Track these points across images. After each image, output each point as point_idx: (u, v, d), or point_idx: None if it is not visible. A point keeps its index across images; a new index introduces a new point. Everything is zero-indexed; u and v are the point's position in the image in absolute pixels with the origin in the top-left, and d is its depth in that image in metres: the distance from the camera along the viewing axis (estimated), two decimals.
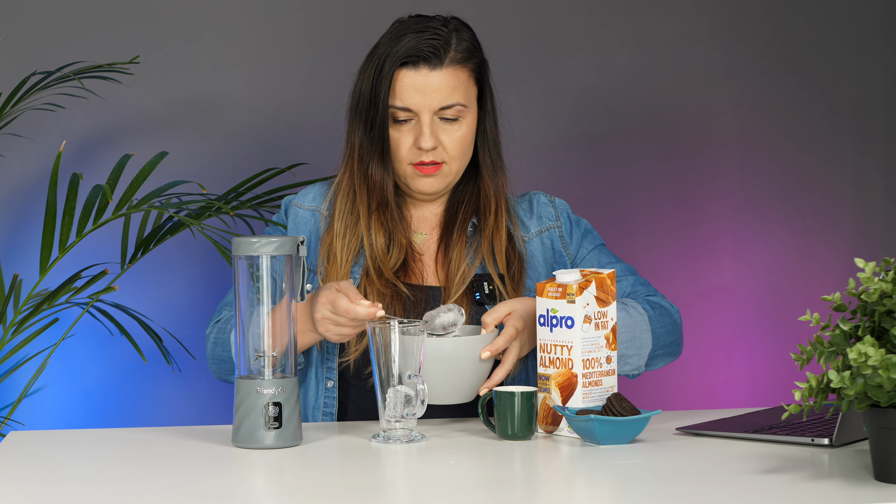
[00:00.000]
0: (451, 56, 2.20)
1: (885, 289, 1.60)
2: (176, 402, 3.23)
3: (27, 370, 3.08)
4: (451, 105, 2.20)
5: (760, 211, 3.57)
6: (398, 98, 2.20)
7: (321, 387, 2.23)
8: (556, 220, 2.34)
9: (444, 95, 2.20)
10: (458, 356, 2.04)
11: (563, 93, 3.46)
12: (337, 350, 2.22)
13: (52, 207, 2.85)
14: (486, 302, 2.24)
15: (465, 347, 2.05)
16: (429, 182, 2.24)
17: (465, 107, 2.22)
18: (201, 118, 3.25)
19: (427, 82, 2.19)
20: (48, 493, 1.68)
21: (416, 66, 2.19)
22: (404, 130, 2.22)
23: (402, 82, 2.20)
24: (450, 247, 2.27)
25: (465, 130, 2.23)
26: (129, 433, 2.09)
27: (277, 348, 1.94)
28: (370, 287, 2.22)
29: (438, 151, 2.22)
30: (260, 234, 3.06)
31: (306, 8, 3.30)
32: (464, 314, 2.08)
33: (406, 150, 2.22)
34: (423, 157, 2.21)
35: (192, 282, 3.25)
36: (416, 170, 2.23)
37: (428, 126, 2.20)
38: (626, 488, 1.70)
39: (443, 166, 2.23)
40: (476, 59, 2.24)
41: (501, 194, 2.30)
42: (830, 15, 3.59)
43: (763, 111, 3.56)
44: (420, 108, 2.20)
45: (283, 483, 1.75)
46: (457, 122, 2.22)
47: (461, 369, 2.05)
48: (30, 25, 3.17)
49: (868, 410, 1.63)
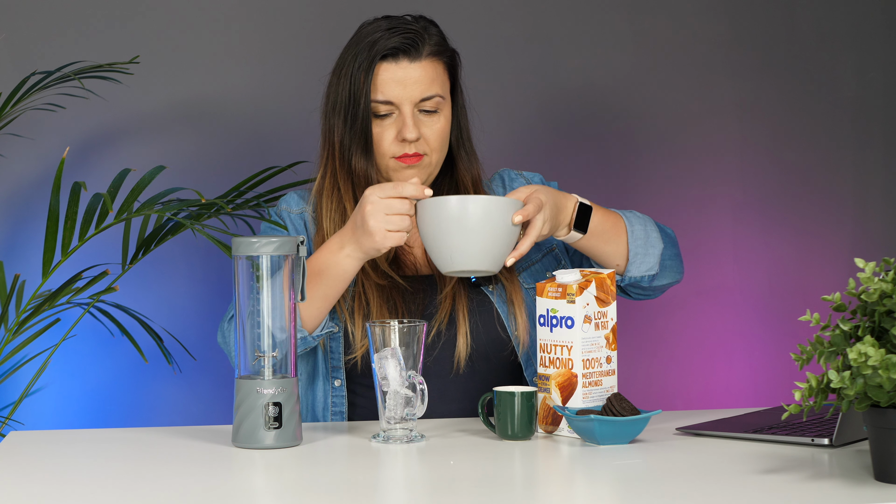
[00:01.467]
0: (427, 49, 2.24)
1: (885, 289, 1.60)
2: (176, 403, 3.23)
3: (28, 370, 3.08)
4: (430, 96, 2.24)
5: (760, 211, 3.57)
6: (379, 91, 2.23)
7: (328, 386, 2.24)
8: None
9: (424, 87, 2.23)
10: (491, 216, 2.00)
11: (564, 93, 3.46)
12: (342, 349, 2.23)
13: (54, 213, 2.85)
14: (481, 283, 2.26)
15: (497, 209, 2.01)
16: (411, 173, 2.25)
17: (443, 98, 2.26)
18: (201, 118, 3.25)
19: (407, 74, 2.23)
20: (48, 493, 1.68)
21: (397, 59, 2.23)
22: (385, 125, 2.25)
23: (382, 76, 2.23)
24: None
25: (444, 122, 2.27)
26: (130, 433, 2.09)
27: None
28: (367, 281, 2.23)
29: (420, 144, 2.25)
30: (260, 233, 3.06)
31: (306, 7, 3.30)
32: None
33: (388, 144, 2.25)
34: (407, 149, 2.24)
35: (193, 282, 3.25)
36: (398, 162, 2.25)
37: (410, 118, 2.23)
38: (626, 488, 1.70)
39: (423, 158, 2.26)
40: (448, 53, 2.29)
41: (479, 182, 2.34)
42: (830, 15, 3.58)
43: (763, 111, 3.56)
44: (401, 101, 2.23)
45: (283, 483, 1.75)
46: (436, 114, 2.26)
47: (492, 232, 2.00)
48: (30, 25, 3.17)
49: (868, 410, 1.63)
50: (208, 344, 3.18)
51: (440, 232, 2.01)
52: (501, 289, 2.27)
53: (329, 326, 2.21)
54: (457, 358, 2.21)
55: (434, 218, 2.02)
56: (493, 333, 2.25)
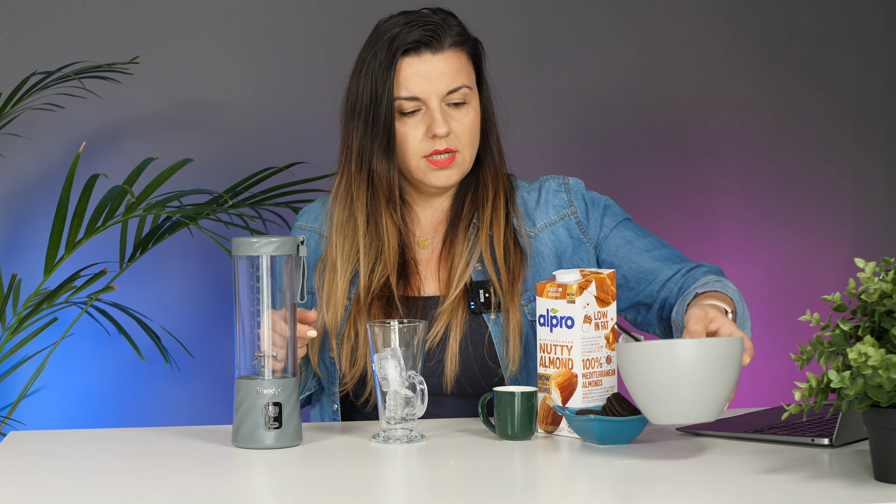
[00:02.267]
0: (449, 39, 2.15)
1: (885, 289, 1.60)
2: (175, 402, 3.23)
3: (27, 370, 3.08)
4: (457, 88, 2.15)
5: (760, 210, 3.57)
6: (404, 87, 2.14)
7: (328, 410, 2.23)
8: (570, 206, 2.25)
9: (450, 78, 2.15)
10: (721, 360, 1.75)
11: (565, 93, 3.46)
12: (338, 379, 2.20)
13: (63, 207, 2.84)
14: (481, 310, 2.17)
15: (726, 350, 1.76)
16: (445, 174, 2.17)
17: (471, 89, 2.17)
18: (201, 118, 3.25)
19: (431, 67, 2.14)
20: (48, 493, 1.68)
21: (419, 53, 2.14)
22: (412, 123, 2.15)
23: (405, 71, 2.14)
24: (453, 244, 2.21)
25: (473, 115, 2.18)
26: (129, 433, 2.09)
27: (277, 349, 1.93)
28: (358, 315, 2.16)
29: (451, 140, 2.15)
30: (261, 233, 3.06)
31: (306, 7, 3.30)
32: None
33: (417, 143, 2.15)
34: (437, 144, 2.14)
35: (191, 281, 3.25)
36: (429, 163, 2.16)
37: (439, 112, 2.14)
38: (626, 488, 1.70)
39: (456, 156, 2.17)
40: (471, 42, 2.20)
41: (500, 182, 2.23)
42: (830, 15, 3.59)
43: (763, 111, 3.56)
44: (427, 95, 2.14)
45: (283, 483, 1.75)
46: (464, 106, 2.16)
47: (719, 377, 1.75)
48: (30, 25, 3.17)
49: (868, 410, 1.63)
50: (207, 343, 3.18)
51: (674, 380, 1.75)
52: (500, 317, 2.18)
53: (309, 388, 2.21)
54: (444, 381, 2.16)
55: (666, 364, 1.75)
56: (482, 363, 2.17)
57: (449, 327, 2.15)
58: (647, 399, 1.78)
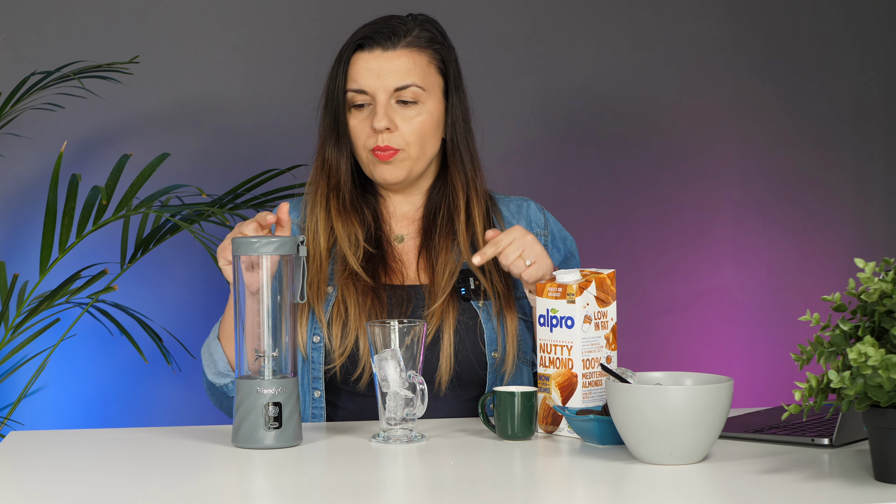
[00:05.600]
0: (407, 40, 2.19)
1: (885, 289, 1.60)
2: (176, 402, 3.23)
3: (27, 370, 3.08)
4: (406, 85, 2.18)
5: (760, 211, 3.57)
6: (353, 80, 2.20)
7: (308, 398, 2.20)
8: (545, 229, 2.30)
9: (399, 76, 2.18)
10: (696, 405, 1.74)
11: (564, 93, 3.46)
12: (323, 359, 2.19)
13: (52, 208, 2.85)
14: (472, 297, 2.19)
15: (707, 395, 1.75)
16: (388, 169, 2.20)
17: (423, 90, 2.19)
18: (201, 118, 3.25)
19: (381, 63, 2.18)
20: (48, 493, 1.68)
21: (371, 49, 2.19)
22: (361, 117, 2.21)
23: (356, 65, 2.20)
24: (432, 248, 2.22)
25: (425, 117, 2.20)
26: (130, 433, 2.09)
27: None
28: (346, 290, 2.18)
29: (395, 136, 2.18)
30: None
31: (306, 8, 3.30)
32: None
33: (365, 137, 2.20)
34: (378, 140, 2.18)
35: (192, 281, 3.25)
36: (373, 156, 2.20)
37: (382, 107, 2.18)
38: (626, 488, 1.70)
39: (399, 152, 2.19)
40: (437, 48, 2.22)
41: (472, 187, 2.25)
42: (830, 15, 3.59)
43: (763, 111, 3.56)
44: (375, 90, 2.18)
45: (283, 483, 1.75)
46: (415, 105, 2.19)
47: (697, 422, 1.75)
48: (30, 25, 3.17)
49: (868, 410, 1.63)
50: None
51: (661, 423, 1.75)
52: (490, 305, 2.20)
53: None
54: (438, 378, 2.16)
55: (654, 406, 1.75)
56: (478, 355, 2.18)
57: (441, 329, 2.16)
58: (630, 439, 1.79)
